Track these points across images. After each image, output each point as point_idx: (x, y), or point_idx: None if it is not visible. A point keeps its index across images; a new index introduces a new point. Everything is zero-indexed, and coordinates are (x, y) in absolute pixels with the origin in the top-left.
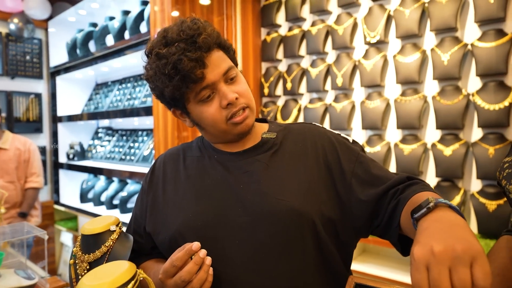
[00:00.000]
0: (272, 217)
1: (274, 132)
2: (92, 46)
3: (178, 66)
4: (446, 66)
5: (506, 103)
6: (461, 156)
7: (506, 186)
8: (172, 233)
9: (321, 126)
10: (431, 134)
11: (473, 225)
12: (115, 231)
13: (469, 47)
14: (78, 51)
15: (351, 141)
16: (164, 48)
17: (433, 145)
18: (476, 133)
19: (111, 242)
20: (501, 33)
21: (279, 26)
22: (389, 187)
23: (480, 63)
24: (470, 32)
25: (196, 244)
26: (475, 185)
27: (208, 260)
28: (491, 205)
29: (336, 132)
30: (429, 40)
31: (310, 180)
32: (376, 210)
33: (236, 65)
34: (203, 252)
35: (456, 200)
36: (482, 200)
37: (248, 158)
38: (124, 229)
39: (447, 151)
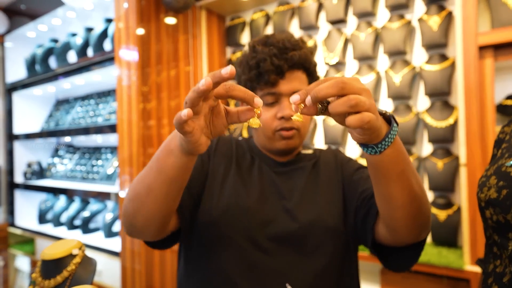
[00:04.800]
0: (309, 213)
1: (309, 149)
2: (53, 62)
3: (260, 64)
4: (398, 87)
5: (451, 120)
6: None
7: (478, 195)
8: (220, 210)
9: (340, 151)
10: None
11: None
12: (77, 255)
13: (418, 69)
14: (37, 67)
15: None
16: (261, 45)
17: None
18: (426, 148)
19: (74, 267)
20: (444, 58)
21: (244, 45)
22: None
23: (427, 84)
24: (418, 56)
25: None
26: (428, 196)
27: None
28: (442, 215)
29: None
30: (383, 62)
31: (336, 196)
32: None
33: None
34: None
35: None
36: (433, 210)
37: (292, 166)
38: (89, 252)
39: None
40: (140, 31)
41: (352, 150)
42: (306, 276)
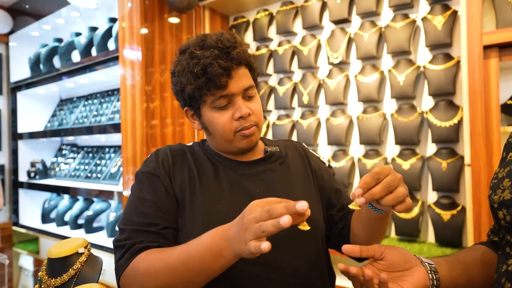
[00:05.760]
0: None
1: (275, 146)
2: (56, 61)
3: (208, 69)
4: (402, 86)
5: (455, 120)
6: (418, 169)
7: (491, 197)
8: (197, 233)
9: (305, 145)
10: (391, 149)
11: (431, 234)
12: (83, 253)
13: (422, 69)
14: (41, 66)
15: (327, 165)
16: (199, 50)
17: (393, 159)
18: (430, 148)
19: (79, 265)
20: (448, 57)
21: (248, 45)
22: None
23: (431, 84)
24: (422, 55)
25: (302, 204)
26: (431, 196)
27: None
28: (446, 215)
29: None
30: (387, 61)
31: (313, 190)
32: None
33: (257, 86)
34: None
35: (415, 211)
36: (437, 210)
37: (259, 167)
38: (93, 250)
39: (406, 165)
40: (144, 30)
41: (355, 150)
42: (293, 277)
